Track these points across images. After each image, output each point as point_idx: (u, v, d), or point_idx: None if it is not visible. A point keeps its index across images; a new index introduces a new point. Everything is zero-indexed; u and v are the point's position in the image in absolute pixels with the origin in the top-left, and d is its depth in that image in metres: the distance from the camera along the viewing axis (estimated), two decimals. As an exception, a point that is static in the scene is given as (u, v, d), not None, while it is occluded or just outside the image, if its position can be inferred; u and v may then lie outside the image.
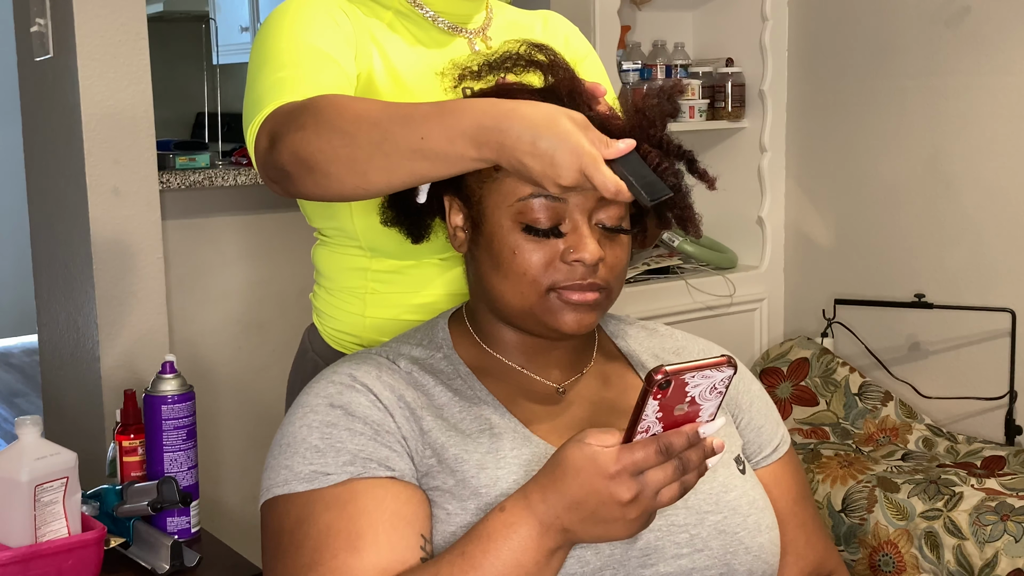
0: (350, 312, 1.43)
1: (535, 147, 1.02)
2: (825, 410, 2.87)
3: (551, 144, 1.02)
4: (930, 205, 2.86)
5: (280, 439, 1.11)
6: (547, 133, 1.02)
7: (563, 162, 1.02)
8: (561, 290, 1.11)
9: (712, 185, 1.19)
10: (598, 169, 1.02)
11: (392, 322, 1.40)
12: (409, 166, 1.08)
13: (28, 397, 5.12)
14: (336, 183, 1.12)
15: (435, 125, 1.06)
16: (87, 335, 2.50)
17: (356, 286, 1.42)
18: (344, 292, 1.44)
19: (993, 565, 2.17)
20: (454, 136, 1.05)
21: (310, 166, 1.12)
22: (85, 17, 2.36)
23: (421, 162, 1.08)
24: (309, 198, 1.17)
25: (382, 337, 1.40)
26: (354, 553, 1.02)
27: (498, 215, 1.12)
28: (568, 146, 1.01)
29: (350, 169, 1.10)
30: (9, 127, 4.05)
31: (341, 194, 1.14)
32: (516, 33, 1.39)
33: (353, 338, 1.43)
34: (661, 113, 1.15)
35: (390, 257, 1.39)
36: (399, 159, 1.08)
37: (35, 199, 2.78)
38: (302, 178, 1.13)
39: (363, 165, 1.10)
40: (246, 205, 2.77)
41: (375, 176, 1.10)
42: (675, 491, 0.97)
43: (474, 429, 1.11)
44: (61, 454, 1.42)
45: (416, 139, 1.07)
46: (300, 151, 1.12)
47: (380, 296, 1.41)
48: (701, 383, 0.93)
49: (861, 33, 2.99)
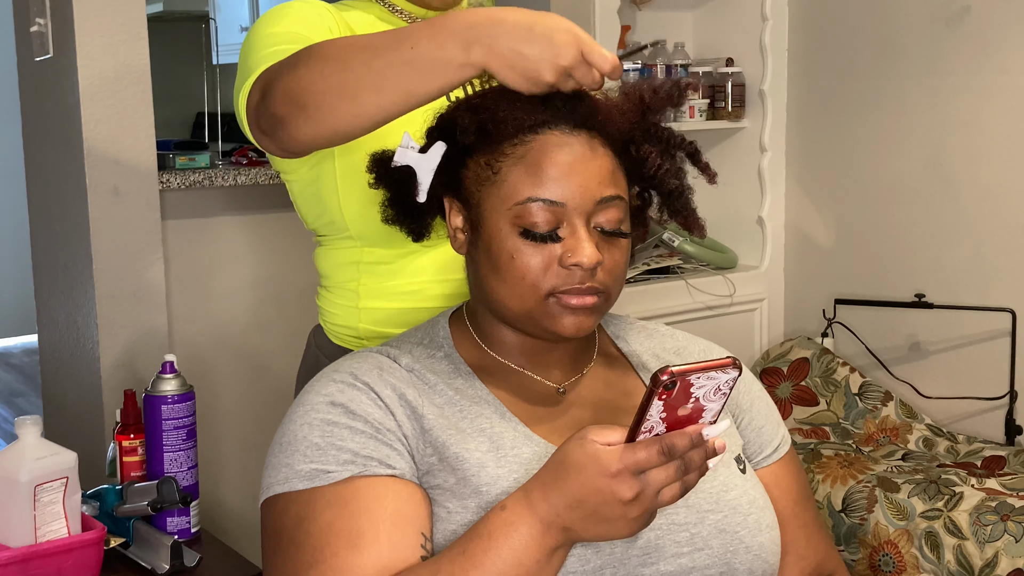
0: (346, 305, 1.46)
1: (532, 32, 1.06)
2: (825, 410, 2.87)
3: (547, 27, 1.06)
4: (930, 205, 2.86)
5: (281, 437, 1.11)
6: (541, 20, 1.06)
7: (561, 40, 1.05)
8: (560, 295, 1.11)
9: (713, 179, 1.20)
10: (594, 47, 1.06)
11: (385, 310, 1.43)
12: (399, 81, 1.10)
13: (28, 397, 5.12)
14: (329, 114, 1.13)
15: (424, 32, 1.09)
16: (87, 335, 2.50)
17: (350, 279, 1.46)
18: (339, 287, 1.47)
19: (993, 565, 2.17)
20: (443, 39, 1.08)
21: (302, 102, 1.14)
22: (85, 17, 2.36)
23: (411, 74, 1.09)
24: (302, 142, 1.18)
25: (377, 327, 1.43)
26: (355, 551, 1.02)
27: (496, 218, 1.12)
28: (564, 26, 1.06)
29: (341, 94, 1.12)
30: (9, 127, 4.04)
31: (334, 127, 1.15)
32: None
33: (350, 331, 1.46)
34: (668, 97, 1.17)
35: (378, 245, 1.42)
36: (389, 74, 1.10)
37: (35, 199, 2.78)
38: (294, 118, 1.15)
39: (353, 88, 1.11)
40: (246, 205, 2.77)
41: (366, 99, 1.11)
42: (676, 491, 0.97)
43: (475, 428, 1.11)
44: (61, 454, 1.42)
45: (407, 49, 1.09)
46: (293, 88, 1.15)
47: (372, 287, 1.44)
48: (706, 384, 0.93)
49: (861, 33, 2.99)
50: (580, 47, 1.06)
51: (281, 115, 1.16)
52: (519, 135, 1.12)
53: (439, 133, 1.17)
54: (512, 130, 1.12)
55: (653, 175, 1.17)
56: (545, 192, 1.10)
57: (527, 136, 1.12)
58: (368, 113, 1.13)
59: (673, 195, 1.19)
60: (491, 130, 1.12)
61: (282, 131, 1.18)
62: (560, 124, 1.12)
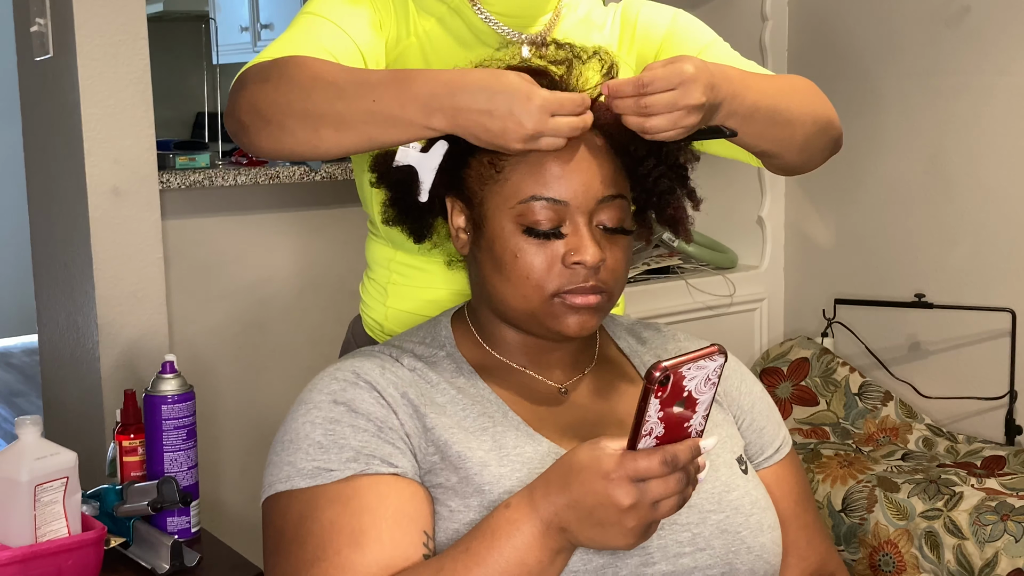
0: (378, 301, 1.46)
1: (491, 103, 1.06)
2: (825, 410, 2.87)
3: (506, 97, 1.05)
4: (930, 205, 2.86)
5: (283, 435, 1.11)
6: (499, 87, 1.06)
7: (521, 110, 1.05)
8: (564, 295, 1.11)
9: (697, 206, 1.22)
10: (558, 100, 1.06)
11: (410, 315, 1.42)
12: (360, 128, 1.12)
13: (28, 397, 5.12)
14: (290, 137, 1.15)
15: (388, 90, 1.10)
16: (87, 335, 2.50)
17: (382, 276, 1.45)
18: (374, 282, 1.47)
19: (993, 565, 2.17)
20: (405, 101, 1.09)
21: (267, 118, 1.16)
22: (85, 17, 2.36)
23: (372, 126, 1.11)
24: (263, 152, 1.20)
25: (401, 329, 1.42)
26: (357, 549, 1.02)
27: (499, 217, 1.13)
28: (522, 94, 1.05)
29: (303, 124, 1.14)
30: (9, 127, 4.04)
31: (294, 150, 1.17)
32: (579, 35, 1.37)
33: (379, 327, 1.46)
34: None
35: (404, 249, 1.41)
36: (351, 120, 1.12)
37: (35, 199, 2.78)
38: (258, 129, 1.17)
39: (315, 121, 1.13)
40: (246, 205, 2.77)
41: (326, 134, 1.13)
42: (674, 503, 0.97)
43: (477, 427, 1.11)
44: (61, 454, 1.42)
45: (368, 101, 1.11)
46: (259, 102, 1.16)
47: (400, 288, 1.43)
48: (696, 375, 0.93)
49: (861, 33, 2.99)
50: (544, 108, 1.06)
51: (245, 123, 1.18)
52: None
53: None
54: None
55: (647, 175, 1.17)
56: (548, 191, 1.10)
57: None
58: (326, 147, 1.15)
59: (665, 195, 1.19)
60: None
61: (244, 137, 1.20)
62: None
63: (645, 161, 1.16)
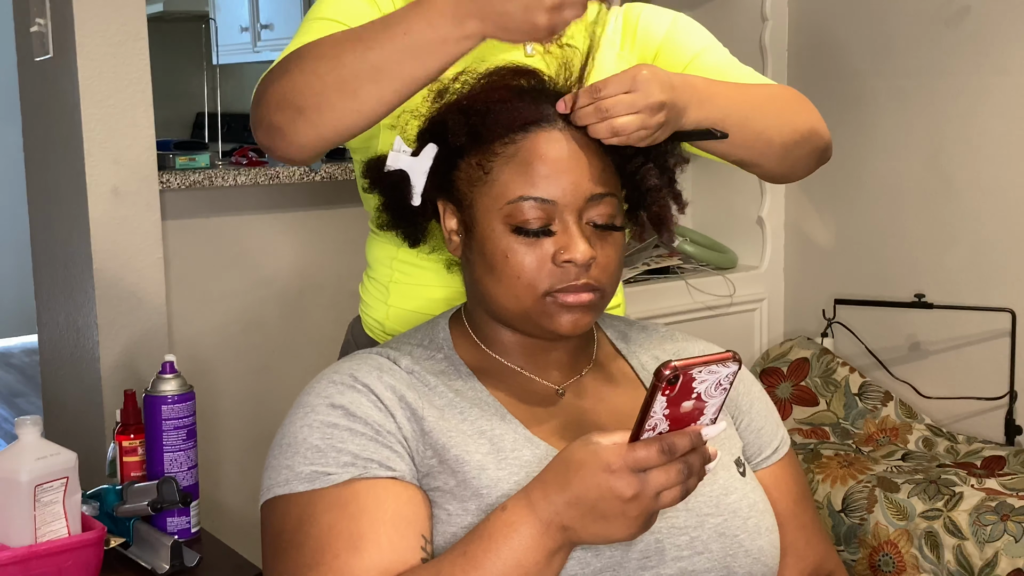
0: (379, 300, 1.46)
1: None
2: (825, 410, 2.87)
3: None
4: (930, 205, 2.86)
5: (281, 439, 1.11)
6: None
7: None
8: (556, 293, 1.11)
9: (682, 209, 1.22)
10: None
11: (412, 314, 1.42)
12: (397, 71, 1.11)
13: (28, 397, 5.12)
14: (329, 113, 1.13)
15: (414, 18, 1.10)
16: (87, 335, 2.50)
17: (383, 275, 1.45)
18: (375, 281, 1.47)
19: (993, 565, 2.17)
20: (433, 19, 1.09)
21: (299, 105, 1.13)
22: (85, 17, 2.36)
23: (409, 61, 1.10)
24: (303, 146, 1.17)
25: (403, 328, 1.42)
26: (355, 553, 1.02)
27: (489, 218, 1.13)
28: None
29: (340, 92, 1.12)
30: (9, 127, 4.05)
31: (336, 127, 1.14)
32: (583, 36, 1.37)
33: (380, 326, 1.46)
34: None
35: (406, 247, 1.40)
36: (387, 65, 1.10)
37: (35, 199, 2.78)
38: (293, 123, 1.14)
39: (352, 84, 1.11)
40: (246, 205, 2.77)
41: (366, 92, 1.11)
42: (676, 494, 0.96)
43: (475, 430, 1.11)
44: (61, 454, 1.42)
45: (400, 36, 1.10)
46: (288, 93, 1.14)
47: (402, 286, 1.43)
48: (707, 379, 0.93)
49: (861, 33, 2.99)
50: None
51: (278, 123, 1.16)
52: (509, 135, 1.12)
53: (430, 135, 1.17)
54: (502, 130, 1.12)
55: (635, 171, 1.17)
56: (536, 190, 1.10)
57: (517, 135, 1.12)
58: (369, 106, 1.13)
59: (651, 192, 1.19)
60: (481, 131, 1.12)
61: (280, 139, 1.17)
62: (550, 122, 1.13)
63: (634, 159, 1.17)
